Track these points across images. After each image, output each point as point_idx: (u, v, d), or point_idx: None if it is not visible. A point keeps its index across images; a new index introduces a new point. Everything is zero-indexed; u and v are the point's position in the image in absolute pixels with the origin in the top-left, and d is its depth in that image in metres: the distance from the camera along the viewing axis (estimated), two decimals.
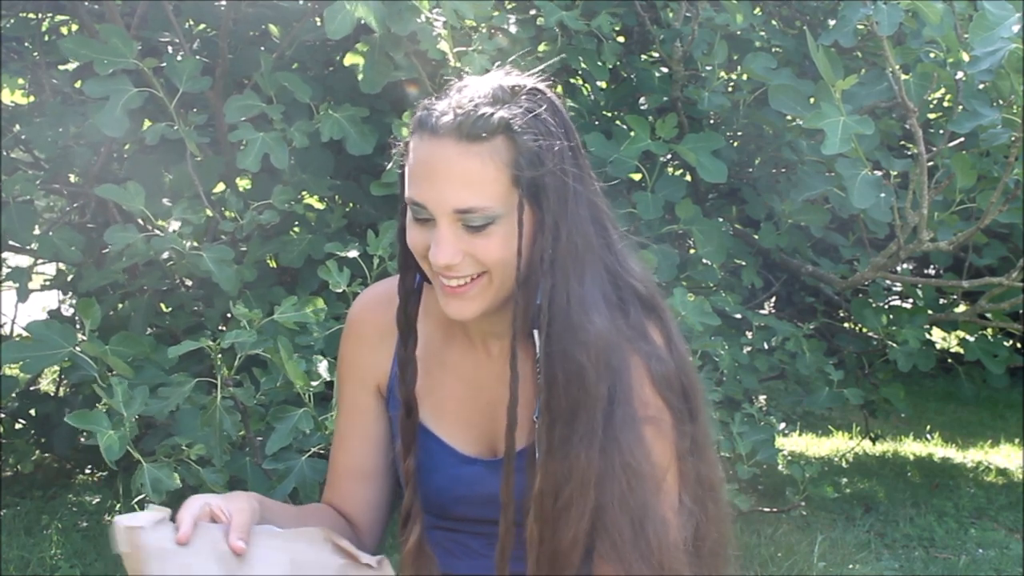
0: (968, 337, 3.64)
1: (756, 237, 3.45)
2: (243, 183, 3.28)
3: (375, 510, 1.45)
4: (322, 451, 2.34)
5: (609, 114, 3.49)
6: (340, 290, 2.48)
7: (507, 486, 1.28)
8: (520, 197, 1.23)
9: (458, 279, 1.25)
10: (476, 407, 1.37)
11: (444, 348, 1.39)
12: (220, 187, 3.08)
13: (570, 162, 1.26)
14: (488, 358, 1.37)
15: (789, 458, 3.71)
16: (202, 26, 3.40)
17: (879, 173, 2.96)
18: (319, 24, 3.08)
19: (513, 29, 2.88)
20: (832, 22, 3.30)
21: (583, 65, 3.11)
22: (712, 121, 3.52)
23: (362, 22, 2.54)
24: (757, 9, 3.51)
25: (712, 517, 1.32)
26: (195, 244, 2.62)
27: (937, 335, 4.79)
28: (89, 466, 3.83)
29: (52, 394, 3.87)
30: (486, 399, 1.36)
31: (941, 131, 3.23)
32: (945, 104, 3.64)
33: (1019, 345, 5.42)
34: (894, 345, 3.40)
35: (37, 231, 3.20)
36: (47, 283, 3.71)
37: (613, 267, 1.30)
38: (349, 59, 2.85)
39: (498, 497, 1.29)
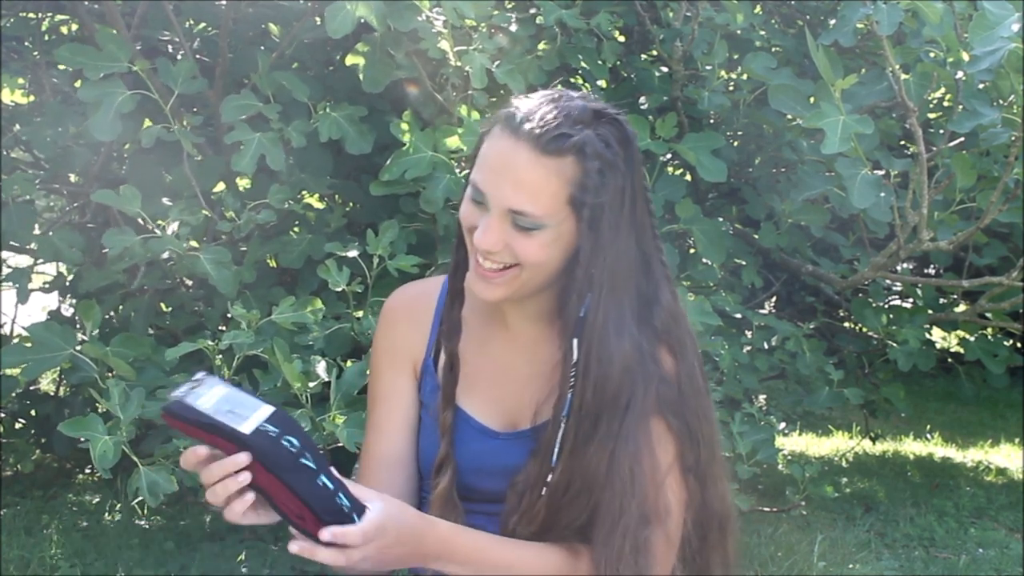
0: (968, 337, 3.64)
1: (756, 237, 3.45)
2: (243, 182, 3.28)
3: (407, 498, 1.54)
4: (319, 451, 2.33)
5: None
6: (339, 289, 2.47)
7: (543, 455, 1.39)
8: (571, 215, 1.34)
9: (492, 264, 1.37)
10: (503, 385, 1.49)
11: (480, 329, 1.51)
12: (221, 186, 3.07)
13: (628, 193, 1.37)
14: (517, 341, 1.50)
15: (789, 458, 3.71)
16: (202, 25, 3.40)
17: (879, 173, 2.96)
18: (319, 23, 3.08)
19: (513, 28, 2.88)
20: (832, 22, 3.30)
21: (583, 64, 3.11)
22: (712, 121, 3.51)
23: (362, 20, 2.54)
24: (757, 8, 3.51)
25: (714, 545, 1.44)
26: (194, 245, 2.61)
27: (937, 335, 4.79)
28: (89, 466, 3.83)
29: (52, 394, 3.87)
30: (513, 378, 1.49)
31: (941, 131, 3.23)
32: (945, 104, 3.64)
33: (1019, 345, 5.41)
34: (894, 345, 3.40)
35: (37, 231, 3.20)
36: (47, 284, 3.70)
37: (645, 294, 1.42)
38: (350, 59, 2.84)
39: (514, 469, 1.42)
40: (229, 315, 2.44)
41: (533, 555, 1.37)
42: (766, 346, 3.36)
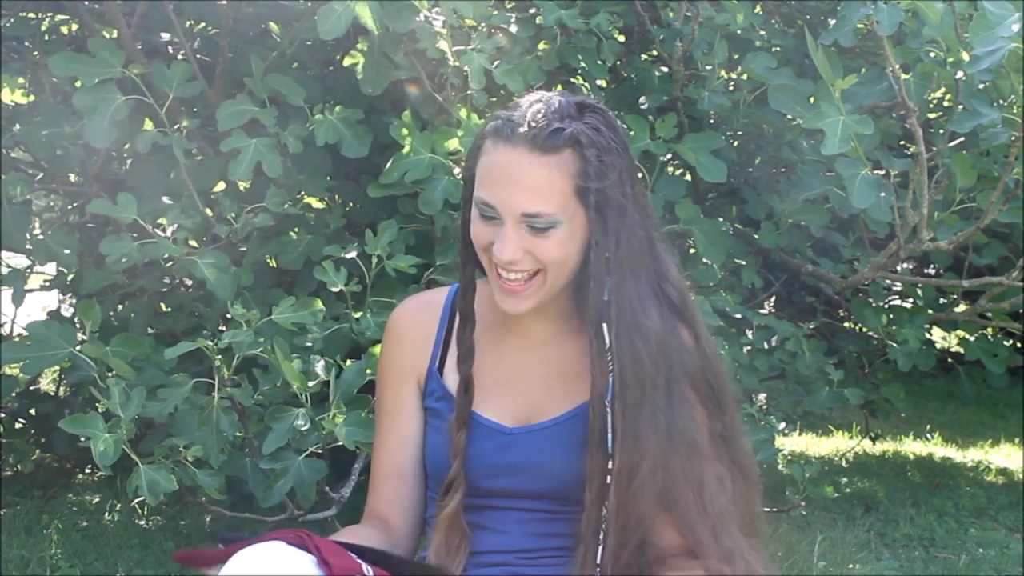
0: (968, 337, 3.63)
1: (756, 237, 3.45)
2: (243, 183, 3.27)
3: (411, 509, 1.57)
4: (319, 451, 2.34)
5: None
6: (337, 290, 2.47)
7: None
8: (580, 205, 1.38)
9: (516, 274, 1.40)
10: (511, 384, 1.51)
11: (484, 330, 1.53)
12: (221, 186, 3.07)
13: (626, 174, 1.41)
14: (530, 340, 1.53)
15: (789, 458, 3.70)
16: (202, 25, 3.40)
17: (879, 173, 2.96)
18: None
19: (513, 28, 2.87)
20: (832, 22, 3.29)
21: (582, 64, 3.10)
22: (712, 121, 3.51)
23: (360, 21, 2.53)
24: (757, 8, 3.51)
25: (742, 495, 1.49)
26: (193, 246, 2.61)
27: (937, 335, 4.79)
28: (89, 466, 3.83)
29: (52, 394, 3.87)
30: (525, 376, 1.52)
31: (941, 131, 3.23)
32: (945, 104, 3.63)
33: (1019, 345, 5.41)
34: (894, 345, 3.40)
35: (37, 230, 3.19)
36: (46, 283, 3.70)
37: (656, 270, 1.46)
38: (348, 60, 2.84)
39: (524, 464, 1.45)
40: (228, 315, 2.44)
41: None
42: (766, 346, 3.36)
